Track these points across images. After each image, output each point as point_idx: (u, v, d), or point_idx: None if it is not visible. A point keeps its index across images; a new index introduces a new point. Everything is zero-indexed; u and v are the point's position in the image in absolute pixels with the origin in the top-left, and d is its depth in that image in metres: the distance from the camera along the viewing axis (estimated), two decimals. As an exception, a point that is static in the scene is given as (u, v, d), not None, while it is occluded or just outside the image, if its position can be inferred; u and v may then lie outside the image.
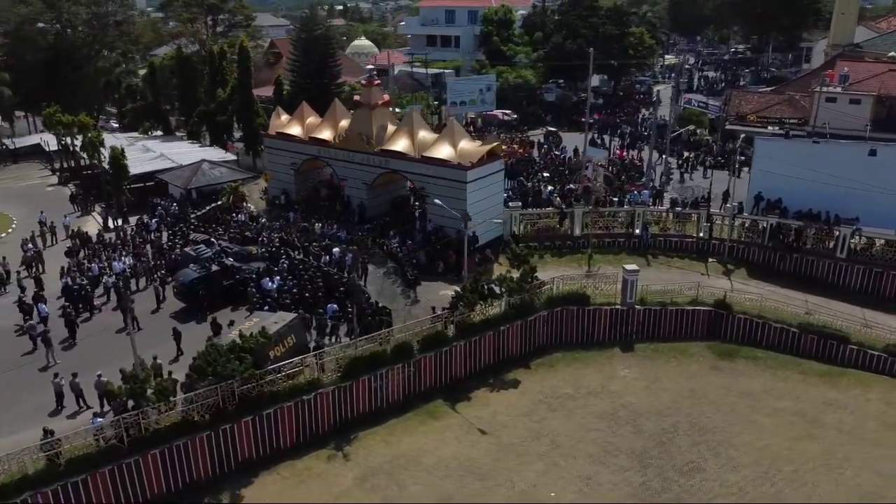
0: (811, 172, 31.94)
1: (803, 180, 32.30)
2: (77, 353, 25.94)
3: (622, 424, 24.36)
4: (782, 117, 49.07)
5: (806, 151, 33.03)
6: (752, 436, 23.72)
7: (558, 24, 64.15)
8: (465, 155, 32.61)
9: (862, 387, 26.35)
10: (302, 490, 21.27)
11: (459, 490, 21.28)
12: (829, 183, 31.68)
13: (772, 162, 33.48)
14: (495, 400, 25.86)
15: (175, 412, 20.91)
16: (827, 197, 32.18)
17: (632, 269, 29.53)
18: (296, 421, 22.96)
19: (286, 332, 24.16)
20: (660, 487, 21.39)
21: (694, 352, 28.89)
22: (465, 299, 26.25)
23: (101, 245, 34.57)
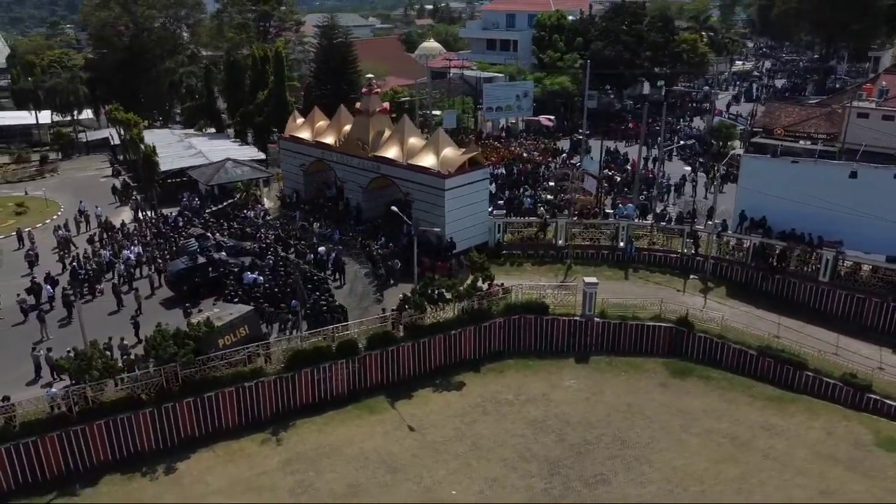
0: (794, 192, 31.26)
1: (788, 200, 31.64)
2: (70, 331, 28.93)
3: (547, 433, 25.03)
4: (813, 132, 47.28)
5: (790, 171, 32.19)
6: (673, 454, 23.88)
7: (602, 31, 63.75)
8: (447, 163, 33.84)
9: (809, 414, 25.87)
10: (229, 468, 23.28)
11: (369, 480, 22.69)
12: (812, 204, 30.89)
13: (757, 180, 32.86)
14: (435, 400, 27.05)
15: (121, 388, 23.33)
16: (811, 218, 31.32)
17: (591, 282, 29.94)
18: (237, 405, 25.00)
19: (239, 322, 26.26)
20: (559, 495, 22.05)
21: (648, 367, 29.02)
22: (411, 302, 27.56)
23: (119, 234, 37.96)
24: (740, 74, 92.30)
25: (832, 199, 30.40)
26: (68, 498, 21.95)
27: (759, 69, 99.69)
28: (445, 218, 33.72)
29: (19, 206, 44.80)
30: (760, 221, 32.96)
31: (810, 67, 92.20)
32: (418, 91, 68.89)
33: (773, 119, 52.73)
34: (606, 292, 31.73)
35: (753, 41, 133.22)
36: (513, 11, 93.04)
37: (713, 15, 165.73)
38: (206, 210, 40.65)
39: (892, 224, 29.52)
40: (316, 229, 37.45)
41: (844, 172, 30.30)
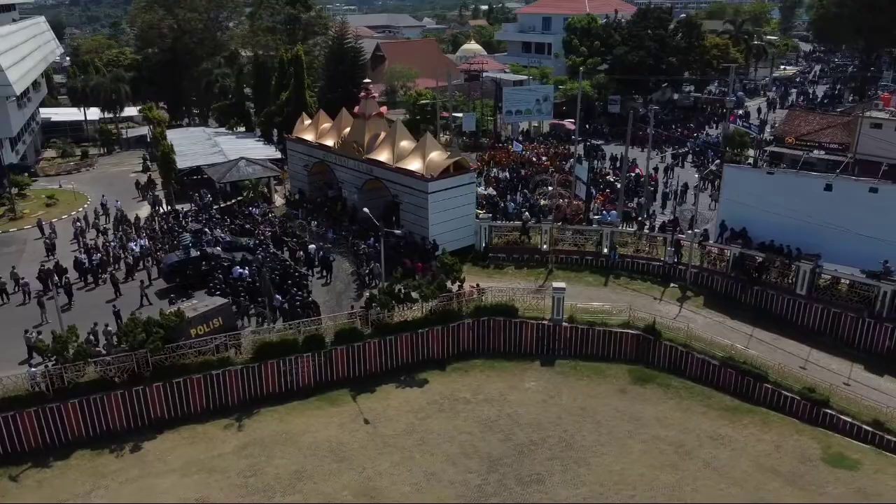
0: (772, 203, 31.10)
1: (766, 211, 31.49)
2: (68, 316, 31.14)
3: (496, 432, 25.79)
4: (824, 142, 46.36)
5: (768, 182, 31.93)
6: (613, 458, 24.33)
7: (626, 37, 63.52)
8: (432, 167, 34.84)
9: (761, 426, 25.89)
10: (189, 449, 24.89)
11: (315, 468, 23.93)
12: (790, 216, 30.68)
13: (737, 190, 32.73)
14: (396, 396, 28.11)
15: (95, 371, 25.22)
16: (790, 230, 31.09)
17: (559, 287, 30.48)
18: (205, 391, 26.62)
19: (213, 314, 27.88)
20: (492, 492, 22.82)
21: (611, 373, 29.41)
22: (377, 300, 28.71)
23: (128, 227, 40.32)
24: (782, 80, 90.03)
25: (809, 212, 30.14)
26: (41, 469, 23.88)
27: (805, 75, 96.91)
28: (429, 220, 34.74)
29: (50, 199, 47.87)
30: (740, 232, 32.80)
31: (854, 74, 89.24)
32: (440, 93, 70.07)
33: (791, 127, 51.98)
34: (583, 298, 32.39)
35: (813, 45, 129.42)
36: (549, 14, 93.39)
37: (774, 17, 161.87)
38: (215, 206, 42.65)
39: (869, 238, 29.02)
40: (313, 228, 38.99)
41: (821, 185, 29.94)
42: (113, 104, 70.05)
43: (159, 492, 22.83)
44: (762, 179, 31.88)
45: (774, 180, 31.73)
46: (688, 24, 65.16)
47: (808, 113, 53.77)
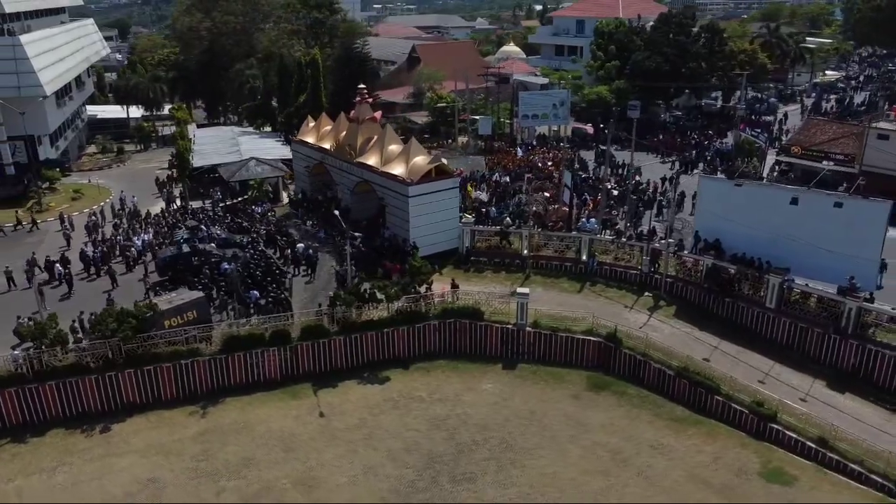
0: (743, 216, 31.01)
1: (738, 223, 31.39)
2: (66, 304, 33.50)
3: (442, 430, 26.66)
4: (831, 152, 45.36)
5: (739, 194, 31.71)
6: (549, 461, 24.90)
7: (647, 42, 63.08)
8: (414, 171, 35.86)
9: (706, 438, 26.02)
10: (153, 433, 26.59)
11: (263, 456, 25.28)
12: (757, 229, 30.54)
13: (712, 202, 32.66)
14: (356, 392, 29.26)
15: (71, 355, 27.20)
16: (762, 243, 30.88)
17: (522, 292, 31.09)
18: (174, 379, 28.31)
19: (187, 307, 29.60)
20: (423, 487, 23.73)
21: (569, 379, 29.88)
22: (341, 300, 29.93)
23: (138, 222, 42.69)
24: (823, 85, 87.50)
25: (778, 225, 29.95)
26: (17, 444, 25.96)
27: (850, 80, 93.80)
28: (410, 223, 35.78)
29: (76, 192, 50.91)
30: (714, 243, 32.70)
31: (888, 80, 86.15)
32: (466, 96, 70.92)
33: (807, 136, 51.04)
34: (555, 304, 32.95)
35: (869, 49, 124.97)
36: (583, 18, 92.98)
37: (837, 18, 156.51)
38: (221, 204, 44.69)
39: (838, 253, 28.69)
40: (307, 227, 40.53)
41: (787, 198, 29.65)
42: (150, 103, 73.51)
43: (116, 470, 24.57)
44: (732, 191, 31.69)
45: (744, 192, 31.51)
46: (710, 29, 64.13)
47: (826, 122, 52.49)
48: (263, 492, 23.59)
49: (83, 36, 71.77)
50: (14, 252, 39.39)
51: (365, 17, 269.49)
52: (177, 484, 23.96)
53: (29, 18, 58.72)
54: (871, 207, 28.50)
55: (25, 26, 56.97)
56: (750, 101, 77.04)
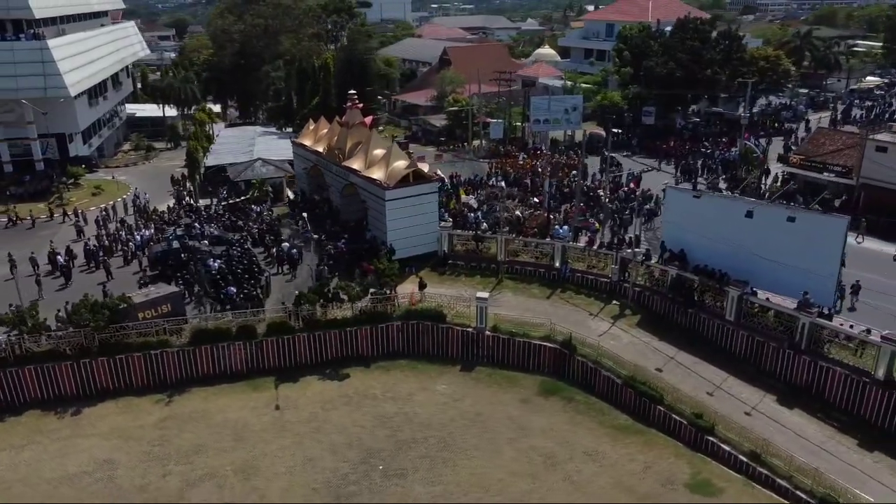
0: (705, 227, 31.05)
1: (702, 235, 31.44)
2: (62, 293, 35.75)
3: (386, 427, 27.68)
4: (829, 163, 44.46)
5: (699, 205, 31.65)
6: (481, 462, 25.66)
7: (661, 47, 62.60)
8: (392, 176, 36.94)
9: (642, 447, 26.33)
10: (119, 418, 28.43)
11: (213, 443, 26.77)
12: (721, 241, 30.54)
13: (677, 212, 32.72)
14: (315, 387, 30.53)
15: (49, 342, 29.26)
16: (725, 255, 30.80)
17: (482, 297, 31.84)
18: (145, 368, 30.12)
19: (162, 300, 31.41)
20: (355, 481, 24.81)
21: (523, 383, 30.51)
22: (305, 298, 31.25)
23: (143, 218, 45.01)
24: (860, 92, 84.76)
25: (737, 237, 29.91)
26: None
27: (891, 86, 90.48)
28: (387, 226, 36.88)
29: (96, 188, 53.80)
30: (679, 254, 32.75)
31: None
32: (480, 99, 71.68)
33: (815, 146, 50.08)
34: (521, 309, 33.66)
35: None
36: (612, 21, 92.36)
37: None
38: (223, 203, 46.69)
39: (794, 267, 28.50)
40: (298, 227, 42.07)
41: (744, 210, 29.51)
42: (182, 102, 76.62)
43: (78, 450, 26.45)
44: (693, 202, 31.67)
45: (703, 204, 31.47)
46: (727, 35, 63.15)
47: (835, 132, 51.29)
48: (206, 477, 25.08)
49: (120, 38, 75.28)
50: (29, 243, 42.00)
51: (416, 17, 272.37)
52: (129, 466, 25.65)
53: (65, 23, 62.00)
54: (828, 222, 28.19)
55: (60, 30, 60.26)
56: (776, 108, 75.52)
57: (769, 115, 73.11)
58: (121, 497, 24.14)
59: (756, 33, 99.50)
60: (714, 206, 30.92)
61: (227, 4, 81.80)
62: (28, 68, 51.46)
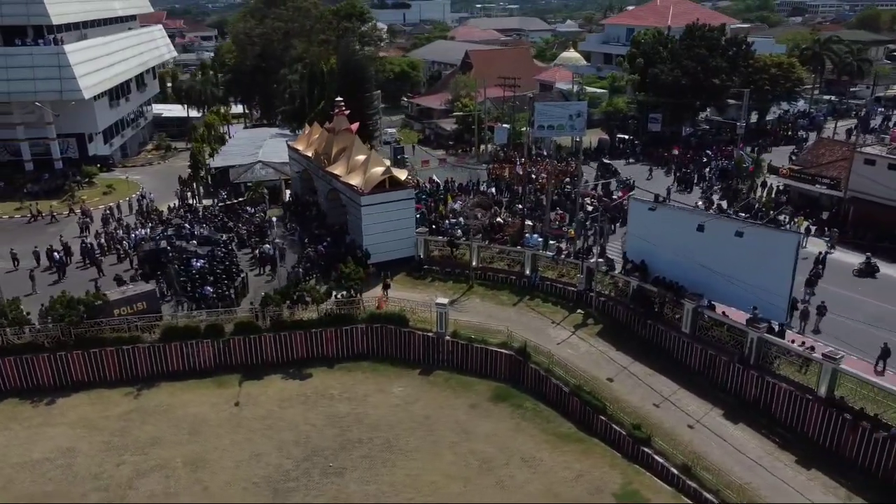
0: (662, 239, 31.24)
1: (660, 247, 31.63)
2: (54, 288, 37.60)
3: (336, 427, 28.65)
4: (818, 176, 43.86)
5: (656, 217, 31.77)
6: (420, 464, 26.43)
7: (667, 55, 62.22)
8: (368, 182, 37.92)
9: (580, 455, 26.77)
10: (88, 408, 30.03)
11: (170, 436, 28.11)
12: (677, 253, 30.70)
13: (638, 223, 32.91)
14: (277, 385, 31.69)
15: (28, 335, 31.07)
16: (683, 267, 30.94)
17: (441, 303, 32.57)
18: (118, 362, 31.71)
19: (137, 298, 32.99)
20: (294, 477, 25.82)
21: (476, 388, 31.16)
22: (271, 299, 32.45)
23: (145, 217, 46.95)
24: (887, 100, 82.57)
25: (691, 250, 30.03)
26: (-24, 408, 30.09)
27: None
28: (363, 230, 37.89)
29: (108, 187, 56.18)
30: (640, 265, 32.95)
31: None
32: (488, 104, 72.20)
33: (814, 156, 49.57)
34: (485, 315, 34.40)
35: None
36: (633, 26, 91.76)
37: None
38: (220, 204, 48.37)
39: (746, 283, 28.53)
40: (285, 229, 43.44)
41: (693, 223, 29.56)
42: (202, 103, 79.05)
43: (45, 438, 28.11)
44: (650, 214, 31.82)
45: (659, 216, 31.60)
46: (734, 42, 62.38)
47: (837, 142, 50.42)
48: (156, 468, 26.42)
49: (145, 42, 78.07)
50: (38, 238, 44.02)
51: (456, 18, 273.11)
52: (88, 454, 27.17)
53: (88, 27, 64.77)
54: (778, 238, 28.11)
55: (82, 34, 63.00)
56: (794, 115, 74.23)
57: (787, 123, 72.03)
58: (75, 484, 25.61)
59: (783, 39, 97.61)
60: (669, 219, 31.05)
61: (249, 8, 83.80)
62: (45, 72, 54.06)
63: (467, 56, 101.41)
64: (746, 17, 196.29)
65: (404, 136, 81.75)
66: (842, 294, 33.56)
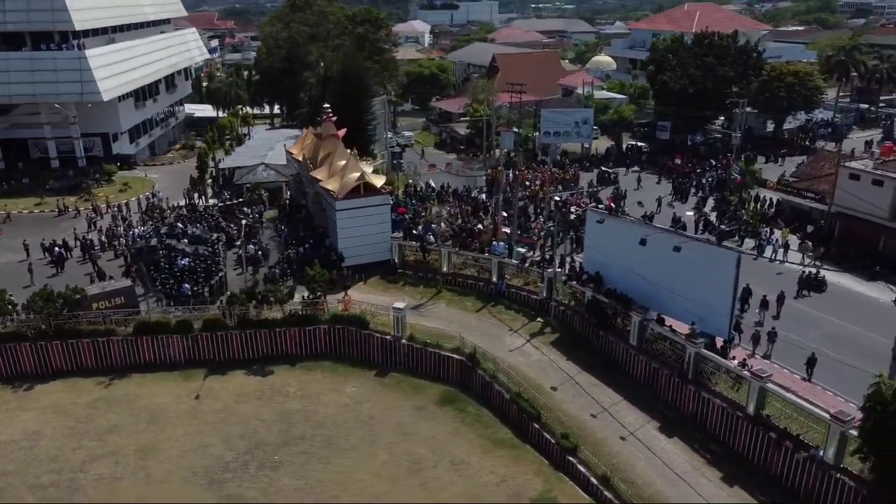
0: (613, 251, 31.57)
1: (610, 258, 31.98)
2: (52, 280, 40.12)
3: (283, 423, 29.96)
4: (803, 189, 43.15)
5: (605, 230, 32.00)
6: (354, 462, 27.53)
7: (678, 62, 61.70)
8: (344, 187, 39.19)
9: (509, 461, 27.44)
10: (61, 395, 32.08)
11: (129, 424, 29.89)
12: (627, 265, 31.01)
13: (592, 235, 33.24)
14: (237, 380, 33.14)
15: (12, 325, 33.38)
16: (633, 280, 31.24)
17: (398, 307, 33.57)
18: (94, 353, 33.76)
19: (115, 293, 35.01)
20: (233, 468, 27.22)
21: (427, 392, 32.06)
22: (235, 299, 34.04)
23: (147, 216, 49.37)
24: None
25: (636, 263, 30.28)
26: (-38, 392, 32.53)
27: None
28: (338, 234, 39.20)
29: (124, 185, 59.05)
30: (595, 276, 33.28)
31: None
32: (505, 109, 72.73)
33: (813, 169, 48.88)
34: (446, 320, 35.29)
35: None
36: (658, 31, 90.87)
37: None
38: (219, 204, 50.45)
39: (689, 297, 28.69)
40: (277, 231, 45.16)
41: (636, 236, 29.72)
42: (227, 104, 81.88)
43: (16, 421, 30.25)
44: (599, 226, 32.13)
45: (608, 228, 31.87)
46: (743, 51, 61.36)
47: (837, 155, 49.29)
48: (109, 454, 28.21)
49: (174, 45, 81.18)
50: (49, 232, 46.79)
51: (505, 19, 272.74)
52: (51, 438, 29.17)
53: (116, 32, 68.02)
54: (717, 255, 28.12)
55: (110, 38, 66.21)
56: (816, 124, 72.51)
57: (807, 133, 70.46)
58: (32, 465, 27.59)
59: (818, 45, 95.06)
60: (617, 231, 31.27)
61: (277, 12, 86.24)
62: (67, 75, 57.21)
63: (494, 60, 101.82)
64: (804, 18, 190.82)
65: (423, 139, 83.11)
66: (807, 311, 33.32)
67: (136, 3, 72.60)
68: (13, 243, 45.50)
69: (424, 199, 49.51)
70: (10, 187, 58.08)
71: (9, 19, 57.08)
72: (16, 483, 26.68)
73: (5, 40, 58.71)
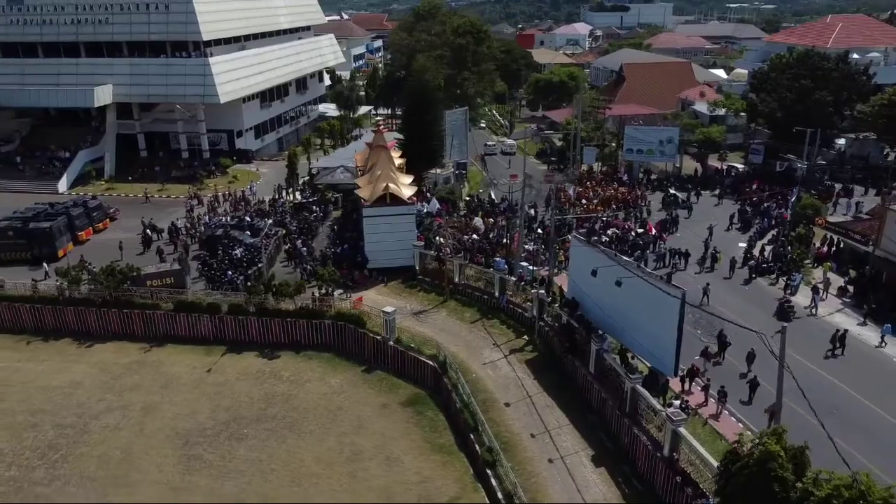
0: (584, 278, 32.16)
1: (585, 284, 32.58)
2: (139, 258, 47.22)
3: (264, 402, 33.93)
4: (850, 230, 39.93)
5: (577, 255, 32.27)
6: (304, 445, 30.74)
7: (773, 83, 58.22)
8: (372, 195, 42.55)
9: (438, 467, 29.30)
10: (108, 354, 38.48)
11: (147, 385, 35.38)
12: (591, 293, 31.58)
13: (574, 260, 33.77)
14: (246, 361, 37.56)
15: (84, 292, 40.44)
16: (598, 307, 31.72)
17: (387, 311, 36.34)
18: (143, 323, 40.00)
19: (167, 274, 41.11)
20: (208, 435, 31.52)
21: (399, 392, 34.61)
22: (252, 290, 38.62)
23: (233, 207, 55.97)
24: None
25: (595, 292, 30.76)
26: (41, 341, 40.01)
27: None
28: (365, 238, 42.73)
29: (233, 177, 66.74)
30: (571, 301, 33.89)
31: None
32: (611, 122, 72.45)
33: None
34: (438, 328, 37.75)
35: None
36: (793, 45, 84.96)
37: None
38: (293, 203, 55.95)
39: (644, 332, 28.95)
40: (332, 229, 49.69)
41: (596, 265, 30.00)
42: (347, 106, 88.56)
43: (69, 371, 36.86)
44: (577, 250, 32.60)
45: (581, 253, 32.31)
46: (847, 74, 56.34)
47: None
48: (121, 407, 33.78)
49: (305, 51, 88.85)
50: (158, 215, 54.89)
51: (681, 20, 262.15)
52: (87, 388, 35.38)
53: (249, 40, 76.53)
54: (659, 295, 27.82)
55: (241, 46, 74.73)
56: None
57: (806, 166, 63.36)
58: (64, 408, 33.81)
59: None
60: (588, 258, 31.52)
61: (403, 21, 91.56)
62: (193, 79, 65.83)
63: (621, 69, 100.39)
64: None
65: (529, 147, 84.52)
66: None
67: (269, 14, 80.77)
68: (129, 223, 53.76)
69: (473, 210, 51.60)
70: (145, 173, 67.89)
71: (152, 30, 66.73)
72: (45, 420, 32.93)
73: (151, 48, 68.61)
